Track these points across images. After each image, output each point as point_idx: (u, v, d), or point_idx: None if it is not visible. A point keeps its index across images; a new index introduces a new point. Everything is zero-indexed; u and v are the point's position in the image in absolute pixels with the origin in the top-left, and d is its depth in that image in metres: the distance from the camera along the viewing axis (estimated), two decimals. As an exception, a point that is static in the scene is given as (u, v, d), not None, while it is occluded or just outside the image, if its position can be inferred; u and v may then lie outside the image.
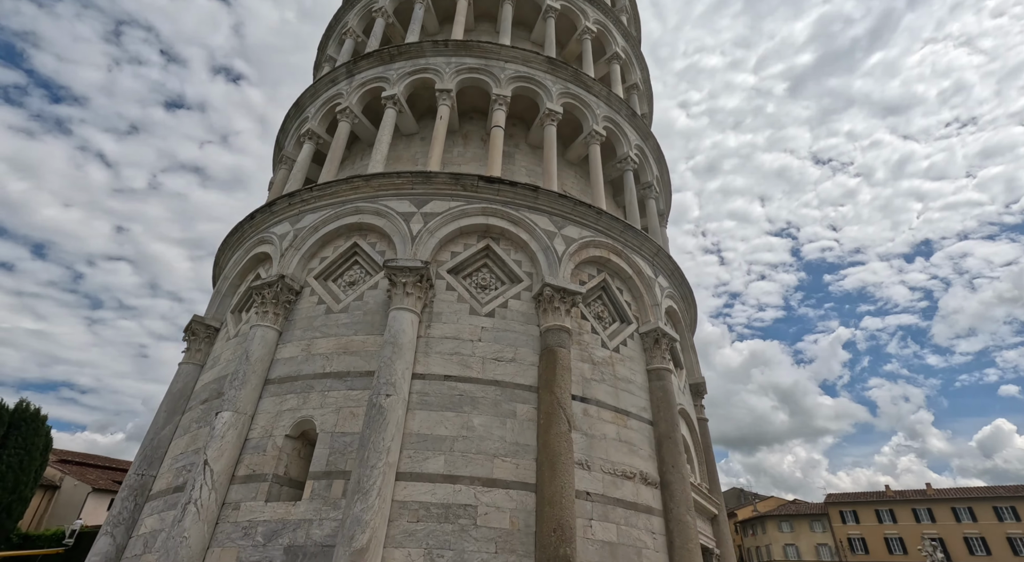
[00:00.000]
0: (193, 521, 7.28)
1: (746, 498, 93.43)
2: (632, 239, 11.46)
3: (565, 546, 7.03)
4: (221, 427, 8.09)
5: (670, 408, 9.73)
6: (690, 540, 8.42)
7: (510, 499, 7.58)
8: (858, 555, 65.48)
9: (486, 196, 10.38)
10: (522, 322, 9.37)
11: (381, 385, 7.86)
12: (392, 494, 7.24)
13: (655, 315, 10.93)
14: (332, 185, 10.67)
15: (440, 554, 6.97)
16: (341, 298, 9.61)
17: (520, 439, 8.12)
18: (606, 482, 8.36)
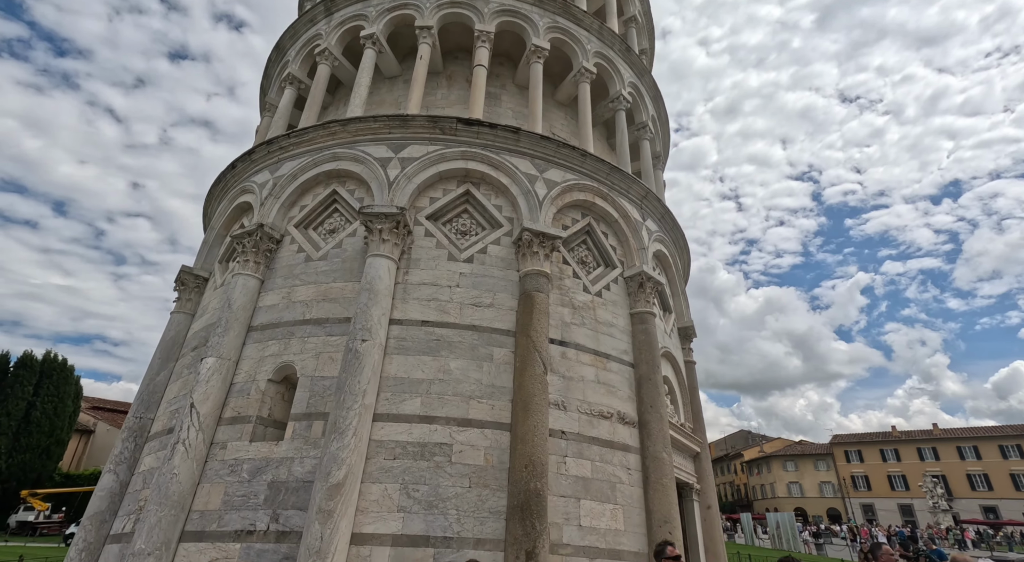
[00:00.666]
0: (182, 459, 7.65)
1: (753, 439, 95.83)
2: (619, 182, 11.18)
3: (535, 480, 7.29)
4: (206, 372, 8.35)
5: (651, 351, 9.79)
6: (664, 475, 8.66)
7: (485, 438, 7.82)
8: (860, 491, 67.39)
9: (465, 139, 10.11)
10: (501, 268, 9.34)
11: (357, 331, 7.97)
12: (369, 434, 7.49)
13: (640, 259, 10.80)
14: (309, 131, 10.46)
15: (415, 488, 7.28)
16: (321, 246, 9.63)
17: (496, 381, 8.28)
18: (582, 422, 8.55)
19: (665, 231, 12.47)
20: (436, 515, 7.15)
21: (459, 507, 7.26)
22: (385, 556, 6.83)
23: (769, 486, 75.61)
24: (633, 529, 8.26)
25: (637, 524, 8.36)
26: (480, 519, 7.26)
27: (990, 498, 57.78)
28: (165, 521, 7.25)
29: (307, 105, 11.75)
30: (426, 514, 7.13)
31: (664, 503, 8.44)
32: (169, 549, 7.19)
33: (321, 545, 6.46)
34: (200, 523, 7.42)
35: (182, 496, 7.48)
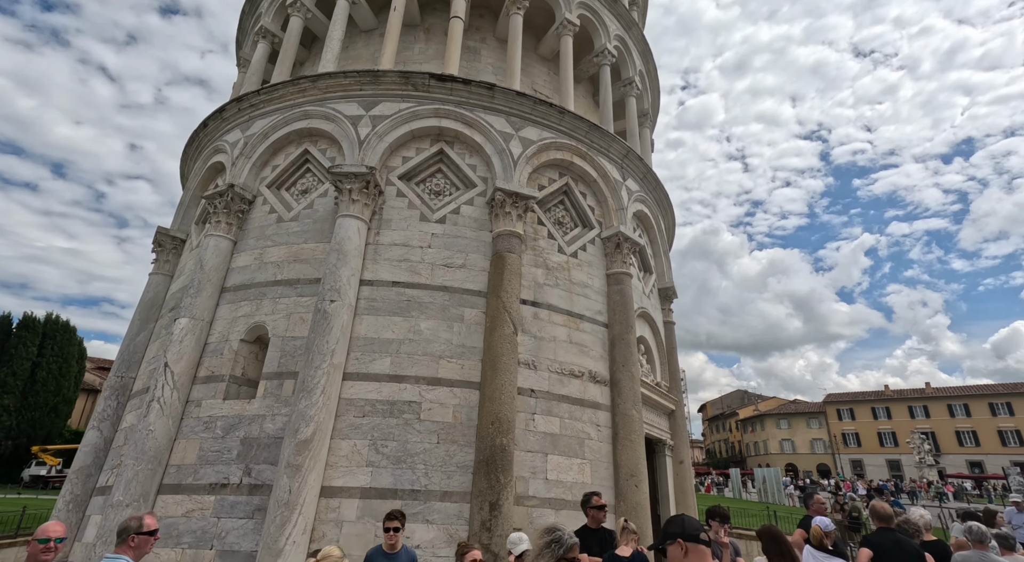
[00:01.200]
0: (157, 416, 7.84)
1: (750, 399, 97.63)
2: (598, 140, 10.95)
3: (502, 437, 7.47)
4: (179, 332, 8.44)
5: (626, 311, 9.83)
6: (633, 432, 8.86)
7: (454, 396, 7.96)
8: (850, 448, 69.13)
9: (439, 96, 9.85)
10: (474, 228, 9.28)
11: (326, 291, 8.00)
12: (339, 392, 7.63)
13: (619, 219, 10.70)
14: (279, 88, 10.20)
15: (384, 444, 7.47)
16: (293, 206, 9.54)
17: (467, 341, 8.36)
18: (552, 380, 8.69)
19: (647, 191, 12.31)
20: (404, 469, 7.36)
21: (427, 462, 7.46)
22: (354, 507, 7.08)
23: (762, 443, 77.57)
24: (600, 482, 8.51)
25: (605, 478, 8.61)
26: (448, 473, 7.48)
27: (976, 453, 59.29)
28: (142, 474, 7.49)
29: (279, 60, 11.40)
30: (394, 468, 7.35)
31: (631, 458, 8.67)
32: (147, 501, 7.46)
33: (289, 497, 6.69)
34: (177, 477, 7.66)
35: (158, 451, 7.70)
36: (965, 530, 5.11)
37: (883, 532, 4.79)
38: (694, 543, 2.09)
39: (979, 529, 5.00)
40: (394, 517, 5.15)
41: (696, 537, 2.10)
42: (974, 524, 5.12)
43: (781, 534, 3.99)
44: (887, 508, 4.96)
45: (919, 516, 5.63)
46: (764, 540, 4.02)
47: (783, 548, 3.87)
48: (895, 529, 4.83)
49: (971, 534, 5.02)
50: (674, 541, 2.12)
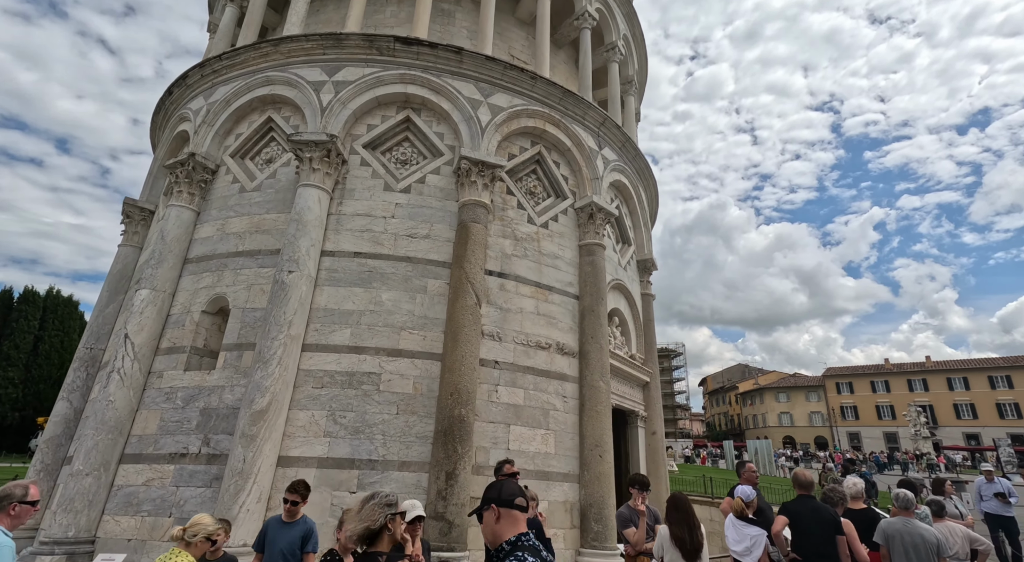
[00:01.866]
0: (117, 387, 7.83)
1: (750, 373, 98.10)
2: (573, 108, 10.62)
3: (460, 407, 7.43)
4: (139, 304, 8.37)
5: (597, 283, 9.68)
6: (599, 403, 8.82)
7: (415, 367, 7.90)
8: (848, 420, 69.69)
9: (405, 61, 9.53)
10: (440, 198, 9.08)
11: (284, 262, 7.88)
12: (298, 363, 7.58)
13: (593, 189, 10.46)
14: (241, 52, 9.89)
15: (343, 415, 7.46)
16: (256, 176, 9.35)
17: (429, 313, 8.26)
18: (517, 352, 8.61)
19: (626, 161, 12.01)
20: (362, 440, 7.36)
21: (385, 432, 7.45)
22: (311, 476, 7.08)
23: (761, 416, 78.24)
24: (564, 452, 8.51)
25: (569, 448, 8.61)
26: (406, 444, 7.47)
27: (974, 426, 59.64)
28: (103, 444, 7.52)
29: (244, 23, 11.04)
30: (352, 439, 7.34)
31: (597, 429, 8.65)
32: (108, 470, 7.51)
33: (244, 467, 6.70)
34: (138, 446, 7.70)
35: (119, 421, 7.71)
36: (893, 497, 5.07)
37: (802, 499, 4.75)
38: (507, 508, 2.07)
39: (904, 496, 4.96)
40: (294, 490, 5.03)
41: (510, 502, 2.07)
42: (900, 491, 5.08)
43: (685, 502, 3.94)
44: (807, 476, 4.90)
45: (851, 484, 5.60)
46: (667, 507, 3.97)
47: (684, 515, 3.82)
48: (814, 496, 4.78)
49: (897, 501, 4.98)
50: (488, 506, 2.08)
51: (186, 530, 3.52)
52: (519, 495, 2.11)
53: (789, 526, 4.53)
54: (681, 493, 4.12)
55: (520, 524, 2.05)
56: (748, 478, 6.14)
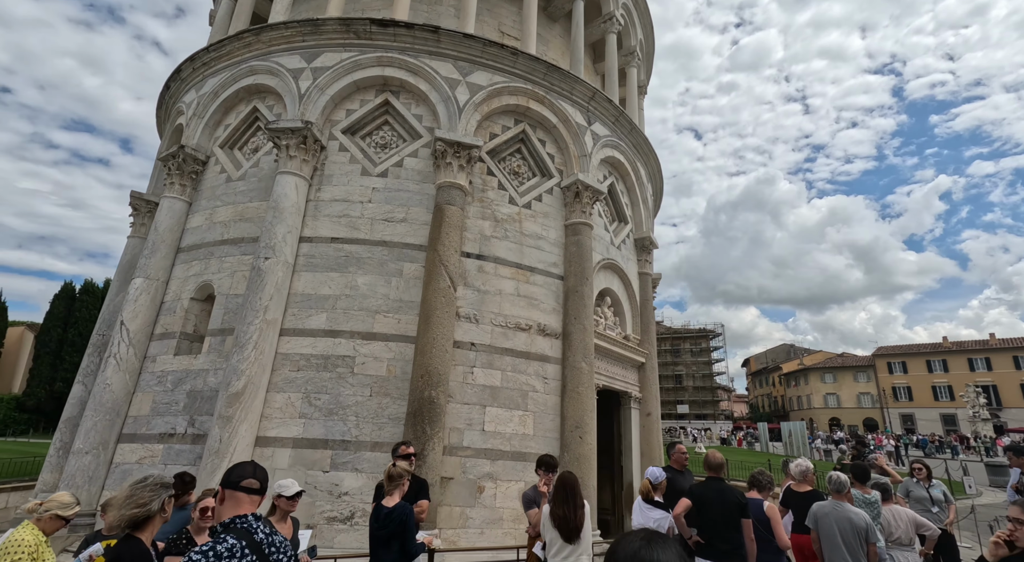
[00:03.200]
0: (114, 371, 8.29)
1: (796, 353, 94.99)
2: (559, 82, 10.32)
3: (430, 389, 7.48)
4: (133, 292, 8.79)
5: (582, 263, 9.48)
6: (581, 384, 8.70)
7: (389, 350, 7.99)
8: (901, 402, 66.58)
9: (382, 43, 9.47)
10: (417, 181, 9.05)
11: (261, 249, 8.07)
12: (275, 347, 7.80)
13: (581, 167, 10.19)
14: (226, 43, 10.06)
15: (317, 397, 7.64)
16: (242, 165, 9.57)
17: (405, 296, 8.31)
18: (495, 334, 8.57)
19: (621, 136, 11.61)
20: (336, 421, 7.53)
21: (358, 414, 7.60)
22: (286, 456, 7.34)
23: (805, 397, 75.74)
24: (544, 434, 8.47)
25: (550, 429, 8.55)
26: (379, 425, 7.60)
27: (1044, 407, 55.81)
28: (101, 425, 8.00)
29: (235, 12, 11.20)
30: (326, 420, 7.52)
31: (578, 410, 8.55)
32: (107, 449, 7.99)
33: (220, 446, 6.99)
34: (133, 427, 8.14)
35: (115, 403, 8.17)
36: (827, 480, 4.79)
37: (709, 482, 4.53)
38: (231, 490, 2.07)
39: (837, 478, 4.70)
40: None
41: (236, 484, 2.06)
42: (833, 474, 4.79)
43: (571, 482, 3.81)
44: (718, 458, 4.67)
45: (795, 466, 5.30)
46: (555, 485, 3.86)
47: (569, 495, 3.70)
48: (722, 479, 4.56)
49: (830, 484, 4.71)
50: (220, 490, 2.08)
51: (41, 504, 3.43)
52: (248, 477, 2.10)
53: (695, 509, 4.34)
54: (571, 472, 3.99)
55: (243, 506, 2.05)
56: (677, 459, 5.98)
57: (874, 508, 5.11)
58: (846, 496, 4.73)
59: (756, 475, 4.82)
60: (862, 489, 5.29)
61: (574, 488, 3.71)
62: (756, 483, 4.75)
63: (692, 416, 69.06)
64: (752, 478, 4.82)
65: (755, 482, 4.77)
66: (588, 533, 3.69)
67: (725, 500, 4.22)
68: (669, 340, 73.11)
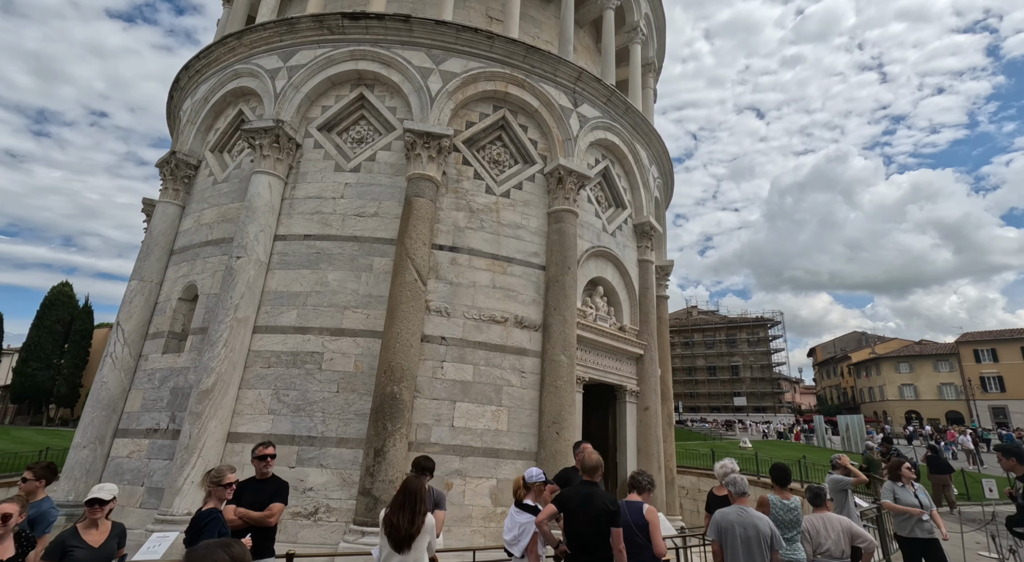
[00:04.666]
0: (110, 370, 8.72)
1: (867, 341, 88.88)
2: (540, 64, 9.90)
3: (393, 385, 7.38)
4: (128, 294, 9.21)
5: (564, 252, 9.08)
6: (560, 378, 8.34)
7: (357, 346, 7.95)
8: (991, 393, 60.90)
9: (355, 37, 9.40)
10: (390, 174, 8.94)
11: (234, 248, 8.23)
12: (248, 345, 7.93)
13: (565, 151, 9.75)
14: (213, 50, 10.32)
15: (286, 393, 7.71)
16: (228, 167, 9.81)
17: (374, 291, 8.24)
18: (467, 327, 8.35)
19: (615, 117, 11.03)
20: (303, 417, 7.57)
21: (325, 410, 7.61)
22: (255, 452, 7.44)
23: (878, 389, 70.72)
24: (520, 429, 8.19)
25: (526, 425, 8.26)
26: (345, 421, 7.58)
27: None
28: (97, 420, 8.45)
29: (230, 17, 11.49)
30: (293, 416, 7.58)
31: (555, 405, 8.20)
32: (103, 443, 8.43)
33: (190, 442, 7.18)
34: (127, 422, 8.54)
35: (111, 400, 8.60)
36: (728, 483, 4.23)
37: (581, 486, 4.07)
38: None
39: (739, 482, 4.13)
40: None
41: None
42: (736, 476, 4.21)
43: (413, 488, 3.50)
44: (592, 459, 4.19)
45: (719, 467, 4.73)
46: (398, 489, 3.57)
47: (405, 502, 3.40)
48: (596, 483, 4.09)
49: (734, 487, 4.16)
50: None
51: None
52: None
53: (563, 515, 3.93)
54: (416, 477, 3.68)
55: None
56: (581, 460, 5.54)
57: (792, 514, 4.51)
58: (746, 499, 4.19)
59: (635, 476, 4.35)
60: (780, 494, 4.68)
61: (415, 494, 3.43)
62: (636, 485, 4.28)
63: (750, 409, 66.04)
64: (631, 479, 4.34)
65: (635, 484, 4.30)
66: (424, 544, 3.41)
67: (592, 506, 3.81)
68: (724, 330, 70.17)
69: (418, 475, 3.65)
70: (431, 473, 4.69)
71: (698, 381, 69.99)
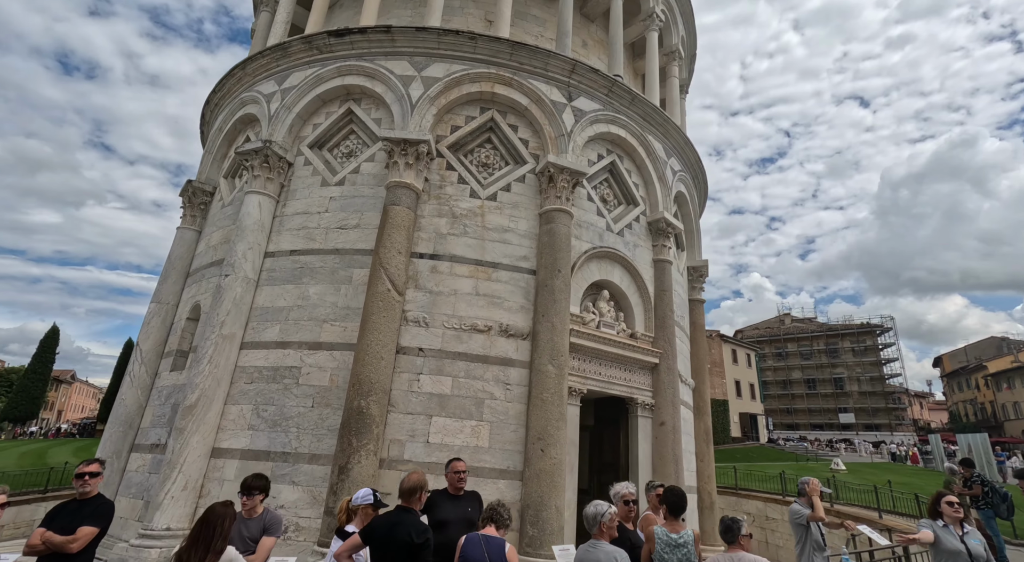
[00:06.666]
0: (128, 387, 9.26)
1: (1009, 347, 77.13)
2: (528, 60, 9.44)
3: (360, 399, 7.12)
4: (147, 315, 9.80)
5: (554, 254, 8.44)
6: (547, 390, 7.67)
7: (333, 359, 7.81)
8: None
9: (341, 53, 9.52)
10: (372, 185, 8.84)
11: (224, 267, 8.46)
12: (234, 361, 8.05)
13: (559, 148, 9.17)
14: (225, 82, 10.91)
15: (265, 409, 7.71)
16: (234, 189, 10.23)
17: (352, 303, 8.09)
18: (447, 337, 7.94)
19: (619, 108, 10.26)
20: (279, 433, 7.51)
21: (300, 425, 7.50)
22: (234, 467, 7.47)
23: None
24: (503, 446, 7.59)
25: (511, 441, 7.65)
26: (318, 436, 7.41)
27: None
28: (115, 436, 8.96)
29: (254, 39, 12.15)
30: (270, 432, 7.54)
31: (541, 419, 7.54)
32: (120, 457, 8.90)
33: (172, 457, 7.34)
34: (140, 438, 8.98)
35: (128, 416, 9.10)
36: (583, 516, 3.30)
37: (394, 512, 3.34)
38: None
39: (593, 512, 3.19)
40: None
41: None
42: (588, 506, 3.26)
43: (212, 519, 2.97)
44: (411, 480, 3.46)
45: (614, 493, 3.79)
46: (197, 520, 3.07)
47: (200, 534, 2.89)
48: (412, 509, 3.33)
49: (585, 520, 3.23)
50: None
51: None
52: None
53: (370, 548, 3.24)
54: (220, 505, 3.12)
55: None
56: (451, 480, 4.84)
57: (680, 552, 3.52)
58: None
59: (494, 507, 3.59)
60: (671, 525, 3.69)
61: (212, 527, 2.95)
62: (495, 518, 3.53)
63: (860, 426, 59.05)
64: (489, 510, 3.59)
65: (493, 517, 3.54)
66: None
67: (393, 538, 3.15)
68: (823, 338, 63.70)
69: (227, 504, 3.13)
70: (265, 492, 4.29)
71: (794, 395, 63.95)
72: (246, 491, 4.33)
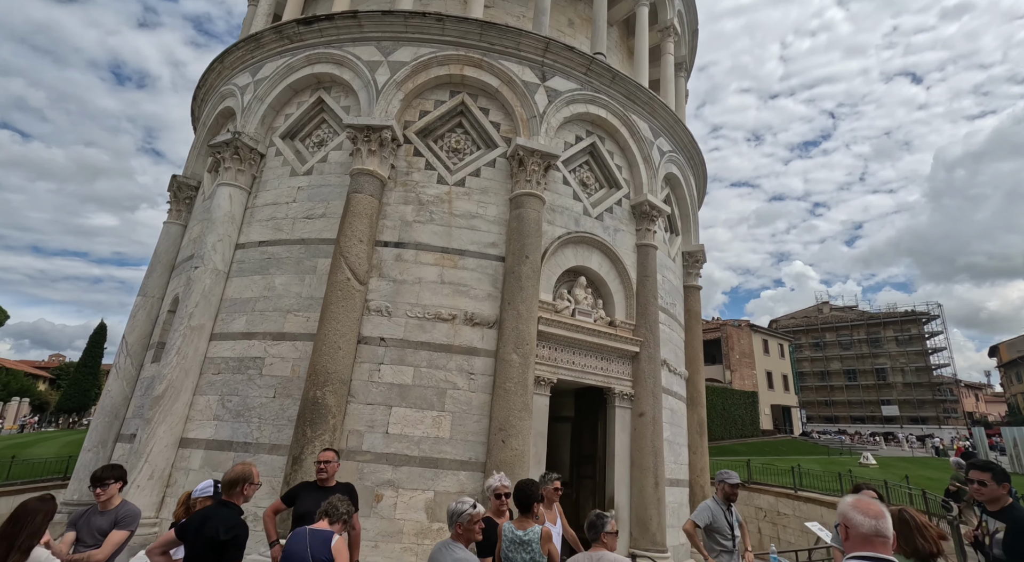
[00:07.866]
0: (114, 379, 9.49)
1: (1074, 333, 71.94)
2: (499, 40, 9.12)
3: (316, 389, 7.05)
4: (134, 308, 10.01)
5: (522, 239, 8.15)
6: (510, 379, 7.42)
7: (295, 350, 7.76)
8: None
9: (311, 41, 9.42)
10: (339, 174, 8.73)
11: (195, 259, 8.53)
12: (203, 352, 8.11)
13: (531, 130, 8.85)
14: (208, 77, 10.99)
15: (230, 399, 7.74)
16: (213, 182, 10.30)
17: (316, 293, 8.02)
18: (409, 326, 7.78)
19: (599, 87, 9.81)
20: (241, 423, 7.52)
21: (261, 416, 7.48)
22: (199, 457, 7.54)
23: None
24: (464, 437, 7.40)
25: (473, 432, 7.44)
26: (279, 427, 7.38)
27: None
28: (101, 426, 9.19)
29: (241, 33, 12.22)
30: (233, 422, 7.56)
31: (503, 410, 7.31)
32: (106, 447, 9.13)
33: (139, 446, 7.45)
34: (125, 428, 9.19)
35: (114, 407, 9.32)
36: None
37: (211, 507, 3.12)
38: None
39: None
40: None
41: None
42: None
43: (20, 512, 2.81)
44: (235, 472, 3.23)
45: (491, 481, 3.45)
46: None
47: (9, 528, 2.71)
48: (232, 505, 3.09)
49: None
50: None
51: None
52: None
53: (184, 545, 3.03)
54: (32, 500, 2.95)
55: None
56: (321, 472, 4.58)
57: (525, 550, 3.19)
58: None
59: (332, 501, 3.35)
60: (520, 522, 3.36)
61: (21, 522, 2.72)
62: (328, 512, 3.28)
63: (904, 419, 56.21)
64: (326, 505, 3.34)
65: (328, 510, 3.30)
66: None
67: (201, 534, 2.95)
68: (864, 327, 60.74)
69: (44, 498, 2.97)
70: (122, 482, 4.18)
71: (833, 387, 61.33)
72: (97, 482, 4.10)
